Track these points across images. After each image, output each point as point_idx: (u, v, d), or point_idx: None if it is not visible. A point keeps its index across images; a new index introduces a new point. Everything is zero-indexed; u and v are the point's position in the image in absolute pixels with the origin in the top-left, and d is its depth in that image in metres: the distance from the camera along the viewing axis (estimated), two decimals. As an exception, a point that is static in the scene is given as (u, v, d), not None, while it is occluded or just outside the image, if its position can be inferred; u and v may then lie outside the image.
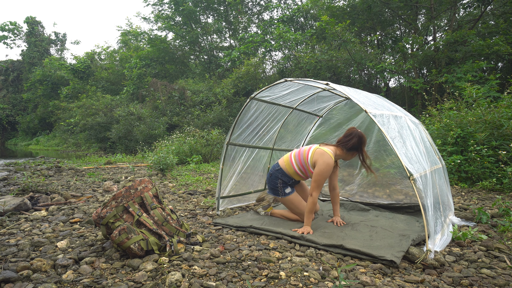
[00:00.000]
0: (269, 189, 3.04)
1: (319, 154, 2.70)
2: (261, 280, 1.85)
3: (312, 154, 2.76)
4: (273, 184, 2.94)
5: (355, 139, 2.69)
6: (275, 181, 2.93)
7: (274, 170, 2.96)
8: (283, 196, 2.91)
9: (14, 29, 30.93)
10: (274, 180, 2.94)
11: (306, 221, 2.65)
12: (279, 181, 2.91)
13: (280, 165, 2.94)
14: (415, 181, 2.07)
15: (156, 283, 1.75)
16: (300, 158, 2.83)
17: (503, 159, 4.75)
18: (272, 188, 2.98)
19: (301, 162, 2.83)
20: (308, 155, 2.78)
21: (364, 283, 1.78)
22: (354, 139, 2.70)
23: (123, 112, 14.40)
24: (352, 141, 2.70)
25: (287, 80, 2.98)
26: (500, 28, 9.49)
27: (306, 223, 2.64)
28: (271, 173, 2.98)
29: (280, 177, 2.91)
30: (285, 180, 2.91)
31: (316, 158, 2.71)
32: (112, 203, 2.23)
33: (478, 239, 2.50)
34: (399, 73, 10.32)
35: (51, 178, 6.11)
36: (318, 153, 2.72)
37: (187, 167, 7.75)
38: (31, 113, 29.75)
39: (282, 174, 2.91)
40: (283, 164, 2.92)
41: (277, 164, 2.98)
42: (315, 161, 2.70)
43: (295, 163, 2.86)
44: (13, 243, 2.37)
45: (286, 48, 13.63)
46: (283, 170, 2.91)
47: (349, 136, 2.73)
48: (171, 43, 19.39)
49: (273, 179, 2.95)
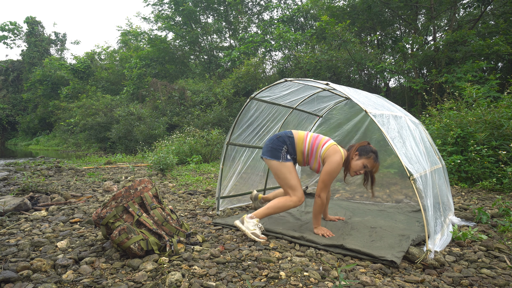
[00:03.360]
0: (268, 151, 2.69)
1: (333, 150, 2.56)
2: (261, 280, 1.85)
3: (327, 148, 2.59)
4: (277, 145, 2.65)
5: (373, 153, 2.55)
6: (281, 144, 2.66)
7: (285, 134, 2.71)
8: (284, 160, 2.63)
9: (14, 29, 30.92)
10: (280, 143, 2.67)
11: (317, 222, 2.60)
12: (284, 146, 2.66)
13: (293, 134, 2.72)
14: (415, 181, 2.07)
15: (156, 283, 1.75)
16: (315, 143, 2.66)
17: (503, 159, 4.75)
18: (273, 148, 2.66)
19: (313, 147, 2.65)
20: (324, 145, 2.62)
21: (364, 283, 1.78)
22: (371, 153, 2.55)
23: (123, 112, 14.40)
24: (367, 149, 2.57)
25: (287, 80, 2.98)
26: (500, 28, 9.49)
27: (317, 224, 2.60)
28: (279, 135, 2.72)
29: (288, 144, 2.67)
30: (290, 150, 2.68)
31: (329, 153, 2.56)
32: (112, 203, 2.23)
33: (478, 239, 2.50)
34: (399, 73, 10.32)
35: (51, 178, 6.11)
36: (332, 149, 2.57)
37: (187, 167, 7.75)
38: (31, 113, 29.74)
39: (291, 143, 2.68)
40: (296, 136, 2.70)
41: (291, 132, 2.73)
42: (327, 156, 2.55)
43: (308, 143, 2.67)
44: (13, 243, 2.37)
45: (286, 48, 13.63)
46: (294, 141, 2.69)
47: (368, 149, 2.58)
48: (171, 43, 19.39)
49: (280, 141, 2.67)
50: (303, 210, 3.48)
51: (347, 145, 2.80)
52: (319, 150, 2.63)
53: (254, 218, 2.57)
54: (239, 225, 2.56)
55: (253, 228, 2.51)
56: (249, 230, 2.50)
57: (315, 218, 2.60)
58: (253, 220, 2.55)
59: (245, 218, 2.58)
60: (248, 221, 2.55)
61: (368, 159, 2.55)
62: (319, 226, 2.60)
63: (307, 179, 4.68)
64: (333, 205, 3.74)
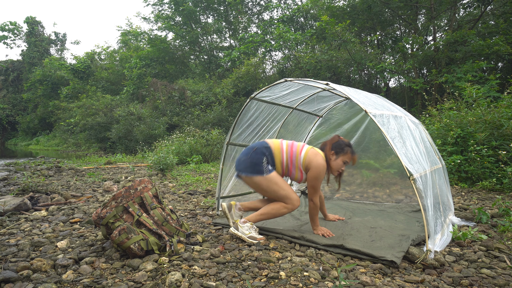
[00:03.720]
0: (247, 167, 2.48)
1: (313, 154, 2.49)
2: (261, 280, 1.85)
3: (305, 154, 2.50)
4: (257, 159, 2.45)
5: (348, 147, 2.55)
6: (260, 157, 2.46)
7: (261, 145, 2.52)
8: (268, 173, 2.45)
9: (14, 29, 30.93)
10: (259, 155, 2.46)
11: (315, 224, 2.58)
12: (264, 158, 2.47)
13: (269, 144, 2.54)
14: (415, 181, 2.07)
15: (156, 283, 1.75)
16: (293, 151, 2.53)
17: (503, 159, 4.75)
18: (253, 163, 2.45)
19: (291, 156, 2.52)
20: (302, 152, 2.51)
21: (364, 283, 1.78)
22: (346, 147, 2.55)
23: (123, 112, 14.40)
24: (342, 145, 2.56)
25: (287, 80, 2.98)
26: (500, 28, 9.49)
27: (315, 225, 2.58)
28: (255, 147, 2.50)
29: (267, 154, 2.49)
30: (270, 161, 2.51)
31: (310, 159, 2.47)
32: (112, 203, 2.23)
33: (478, 239, 2.50)
34: (399, 73, 10.33)
35: (51, 178, 6.11)
36: (312, 153, 2.49)
37: (187, 167, 7.75)
38: (31, 113, 29.75)
39: (269, 153, 2.50)
40: (273, 146, 2.53)
41: (266, 142, 2.55)
42: (309, 162, 2.47)
43: (285, 152, 2.53)
44: (13, 243, 2.37)
45: (286, 48, 13.63)
46: (272, 151, 2.51)
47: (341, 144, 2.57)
48: (171, 43, 19.40)
49: (258, 153, 2.47)
50: (303, 210, 3.48)
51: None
52: (299, 158, 2.51)
53: (248, 222, 2.52)
54: (234, 232, 2.50)
55: (248, 232, 2.48)
56: (245, 235, 2.47)
57: (313, 220, 2.59)
58: (247, 224, 2.51)
59: (238, 224, 2.52)
60: (242, 226, 2.50)
61: (346, 154, 2.54)
62: (318, 227, 2.59)
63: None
64: (333, 205, 3.74)
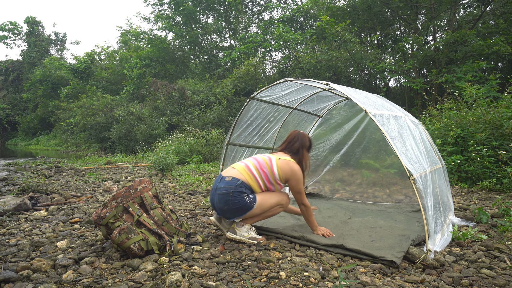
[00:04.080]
0: (232, 212, 2.39)
1: (285, 164, 2.45)
2: (261, 280, 1.85)
3: (278, 167, 2.45)
4: (240, 202, 2.34)
5: (298, 142, 2.59)
6: (241, 196, 2.34)
7: (234, 186, 2.35)
8: (254, 201, 2.40)
9: (14, 29, 30.94)
10: (239, 196, 2.34)
11: (313, 225, 2.57)
12: (244, 194, 2.36)
13: (240, 178, 2.39)
14: (415, 181, 2.07)
15: (156, 283, 1.75)
16: (265, 172, 2.45)
17: (503, 159, 4.75)
18: (239, 208, 2.36)
19: (266, 177, 2.46)
20: (273, 169, 2.45)
21: (364, 283, 1.78)
22: (297, 142, 2.59)
23: (123, 112, 14.41)
24: (296, 144, 2.58)
25: (287, 80, 2.98)
26: (500, 28, 9.49)
27: (314, 226, 2.57)
28: (230, 192, 2.33)
29: (244, 190, 2.37)
30: (248, 191, 2.42)
31: (285, 169, 2.44)
32: (112, 203, 2.23)
33: (478, 239, 2.50)
34: (399, 73, 10.33)
35: (51, 178, 6.11)
36: (283, 164, 2.45)
37: (187, 167, 7.75)
38: (31, 113, 29.75)
39: (245, 187, 2.39)
40: (243, 178, 2.41)
41: (236, 179, 2.39)
42: (285, 173, 2.44)
43: (259, 177, 2.45)
44: (13, 243, 2.37)
45: (286, 48, 13.63)
46: (246, 183, 2.40)
47: (293, 140, 2.60)
48: (171, 43, 19.40)
49: (237, 196, 2.34)
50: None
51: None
52: (274, 174, 2.46)
53: (245, 224, 2.48)
54: (232, 236, 2.45)
55: (247, 234, 2.45)
56: (245, 237, 2.44)
57: (310, 222, 2.59)
58: (245, 226, 2.48)
59: (235, 227, 2.47)
60: (240, 228, 2.46)
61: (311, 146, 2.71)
62: (317, 227, 2.58)
63: (307, 179, 4.68)
64: (333, 205, 3.74)
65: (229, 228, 2.54)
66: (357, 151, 4.42)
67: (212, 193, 2.47)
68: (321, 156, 4.53)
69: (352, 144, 4.34)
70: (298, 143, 2.60)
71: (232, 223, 2.55)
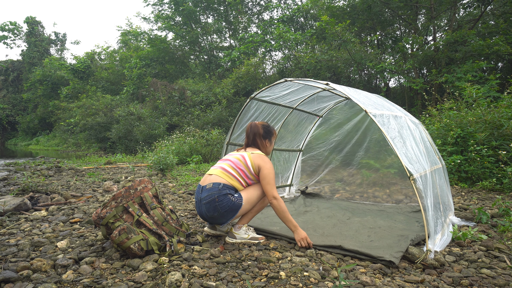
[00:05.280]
0: (223, 216, 2.37)
1: (258, 157, 2.48)
2: (261, 280, 1.85)
3: (251, 162, 2.46)
4: (228, 204, 2.33)
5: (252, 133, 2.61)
6: (227, 199, 2.33)
7: (217, 191, 2.34)
8: (241, 200, 2.39)
9: (14, 29, 30.95)
10: (225, 199, 2.33)
11: (293, 225, 2.37)
12: (229, 195, 2.35)
13: (220, 182, 2.38)
14: (415, 181, 2.07)
15: (156, 283, 1.75)
16: (242, 170, 2.46)
17: (503, 159, 4.75)
18: (228, 210, 2.34)
19: (244, 174, 2.46)
20: (248, 164, 2.47)
21: (364, 283, 1.78)
22: (251, 134, 2.61)
23: (123, 112, 14.41)
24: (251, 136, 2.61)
25: (287, 80, 2.98)
26: (500, 28, 9.49)
27: (294, 227, 2.37)
28: (216, 197, 2.32)
29: (228, 192, 2.36)
30: (232, 191, 2.41)
31: (257, 162, 2.45)
32: (111, 203, 2.23)
33: (478, 239, 2.50)
34: (399, 73, 10.32)
35: (51, 178, 6.11)
36: (256, 156, 2.48)
37: (187, 167, 7.75)
38: (31, 113, 29.77)
39: (229, 188, 2.39)
40: (223, 180, 2.40)
41: (217, 183, 2.38)
42: (258, 164, 2.45)
43: (238, 176, 2.45)
44: (13, 243, 2.37)
45: (286, 48, 13.63)
46: (228, 185, 2.40)
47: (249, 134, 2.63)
48: (171, 43, 19.41)
49: (223, 199, 2.32)
50: (302, 210, 3.48)
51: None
52: (250, 170, 2.47)
53: (242, 226, 2.47)
54: (232, 241, 2.44)
55: (247, 235, 2.45)
56: (245, 239, 2.44)
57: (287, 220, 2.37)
58: (243, 228, 2.47)
59: (233, 232, 2.46)
60: (238, 232, 2.45)
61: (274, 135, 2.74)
62: (297, 228, 2.38)
63: (307, 179, 4.68)
64: (333, 205, 3.75)
65: (225, 229, 2.55)
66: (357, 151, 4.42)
67: (198, 206, 2.44)
68: (322, 156, 4.53)
69: (352, 144, 4.34)
70: (252, 134, 2.61)
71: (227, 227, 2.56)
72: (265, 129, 2.65)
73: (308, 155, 4.56)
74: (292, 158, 4.46)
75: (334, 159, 4.62)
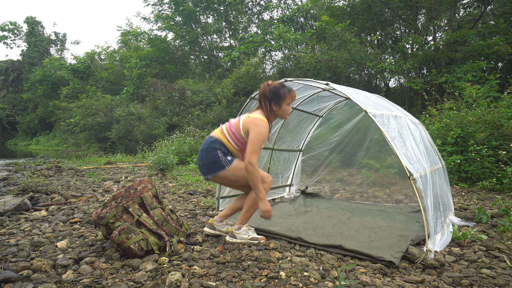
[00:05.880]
0: (206, 168, 2.37)
1: (251, 120, 2.34)
2: (261, 280, 1.85)
3: (243, 124, 2.38)
4: (213, 157, 2.34)
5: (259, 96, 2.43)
6: (215, 153, 2.34)
7: (209, 142, 2.39)
8: (229, 164, 2.34)
9: (14, 29, 30.93)
10: (212, 152, 2.34)
11: (261, 194, 2.26)
12: (218, 151, 2.35)
13: (215, 136, 2.42)
14: (415, 181, 2.07)
15: (156, 283, 1.75)
16: (233, 132, 2.40)
17: (503, 159, 4.75)
18: (212, 162, 2.34)
19: (235, 136, 2.39)
20: (240, 126, 2.39)
21: (364, 283, 1.78)
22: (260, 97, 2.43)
23: (123, 112, 14.41)
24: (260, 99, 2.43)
25: (287, 80, 2.98)
26: (500, 28, 9.48)
27: (262, 196, 2.26)
28: (205, 148, 2.38)
29: (218, 147, 2.37)
30: (224, 150, 2.39)
31: (248, 125, 2.33)
32: (111, 203, 2.23)
33: (478, 239, 2.50)
34: (399, 73, 10.32)
35: (51, 178, 6.11)
36: (249, 120, 2.35)
37: (187, 167, 7.75)
38: (31, 113, 29.76)
39: (220, 144, 2.39)
40: (218, 136, 2.42)
41: (211, 136, 2.43)
42: (248, 128, 2.33)
43: (228, 137, 2.41)
44: (13, 243, 2.37)
45: (286, 48, 13.62)
46: (221, 141, 2.40)
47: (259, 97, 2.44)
48: (171, 43, 19.40)
49: (211, 151, 2.35)
50: (302, 210, 3.48)
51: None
52: (240, 133, 2.38)
53: (242, 226, 2.47)
54: (233, 241, 2.44)
55: (247, 236, 2.45)
56: (245, 239, 2.44)
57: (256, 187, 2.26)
58: (243, 228, 2.46)
59: (233, 232, 2.45)
60: (239, 232, 2.45)
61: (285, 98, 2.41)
62: (264, 200, 2.26)
63: (307, 179, 4.68)
64: (333, 205, 3.75)
65: (225, 229, 2.57)
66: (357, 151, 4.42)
67: None
68: (322, 156, 4.53)
69: (352, 144, 4.34)
70: (259, 95, 2.46)
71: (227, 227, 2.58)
72: (273, 91, 2.40)
73: (308, 155, 4.56)
74: (292, 158, 4.46)
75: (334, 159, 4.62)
